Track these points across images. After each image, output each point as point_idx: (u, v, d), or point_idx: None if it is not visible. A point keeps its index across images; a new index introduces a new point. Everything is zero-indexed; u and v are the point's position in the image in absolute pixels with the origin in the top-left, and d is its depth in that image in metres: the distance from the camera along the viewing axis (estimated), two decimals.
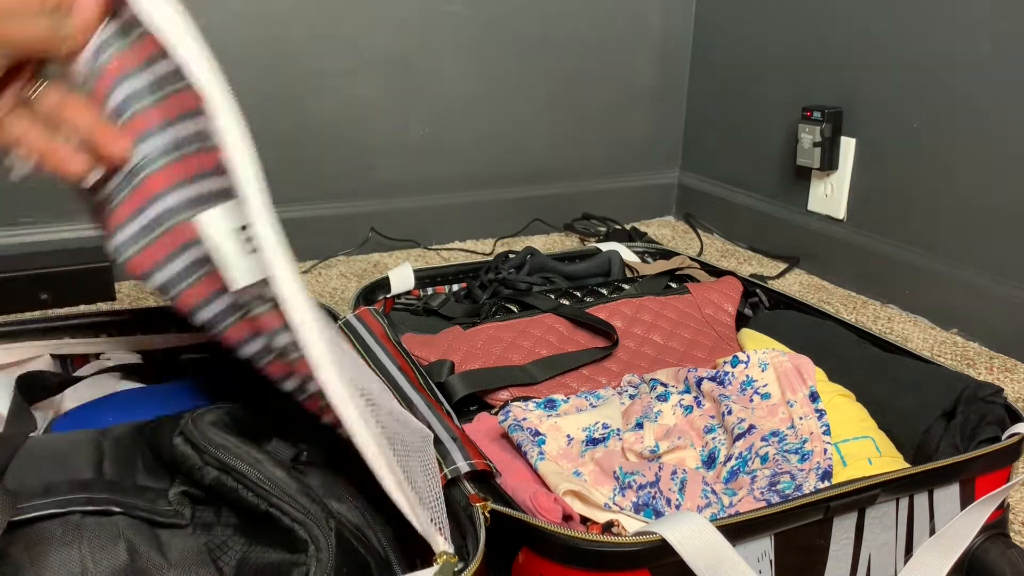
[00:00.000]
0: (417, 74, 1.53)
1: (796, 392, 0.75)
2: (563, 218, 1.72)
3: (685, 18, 1.73)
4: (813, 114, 1.41)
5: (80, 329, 0.79)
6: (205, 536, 0.51)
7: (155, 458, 0.55)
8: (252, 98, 1.42)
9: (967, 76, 1.21)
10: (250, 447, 0.51)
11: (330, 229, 1.53)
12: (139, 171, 0.50)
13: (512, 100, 1.62)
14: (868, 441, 0.72)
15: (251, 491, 0.49)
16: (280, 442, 0.56)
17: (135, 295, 1.33)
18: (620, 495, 0.64)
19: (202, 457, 0.51)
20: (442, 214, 1.62)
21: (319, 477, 0.54)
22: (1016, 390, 1.08)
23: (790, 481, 0.65)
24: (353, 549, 0.49)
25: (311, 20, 1.42)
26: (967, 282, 1.24)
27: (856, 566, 0.63)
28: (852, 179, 1.42)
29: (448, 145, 1.59)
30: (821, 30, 1.44)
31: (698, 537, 0.53)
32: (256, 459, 0.50)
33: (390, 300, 1.04)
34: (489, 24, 1.56)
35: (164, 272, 0.52)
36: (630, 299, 0.98)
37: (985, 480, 0.66)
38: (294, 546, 0.48)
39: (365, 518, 0.52)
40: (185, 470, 0.52)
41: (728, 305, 0.99)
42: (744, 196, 1.66)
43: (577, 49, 1.65)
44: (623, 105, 1.73)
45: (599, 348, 0.90)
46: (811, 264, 1.51)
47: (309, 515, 0.48)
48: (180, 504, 0.52)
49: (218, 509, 0.52)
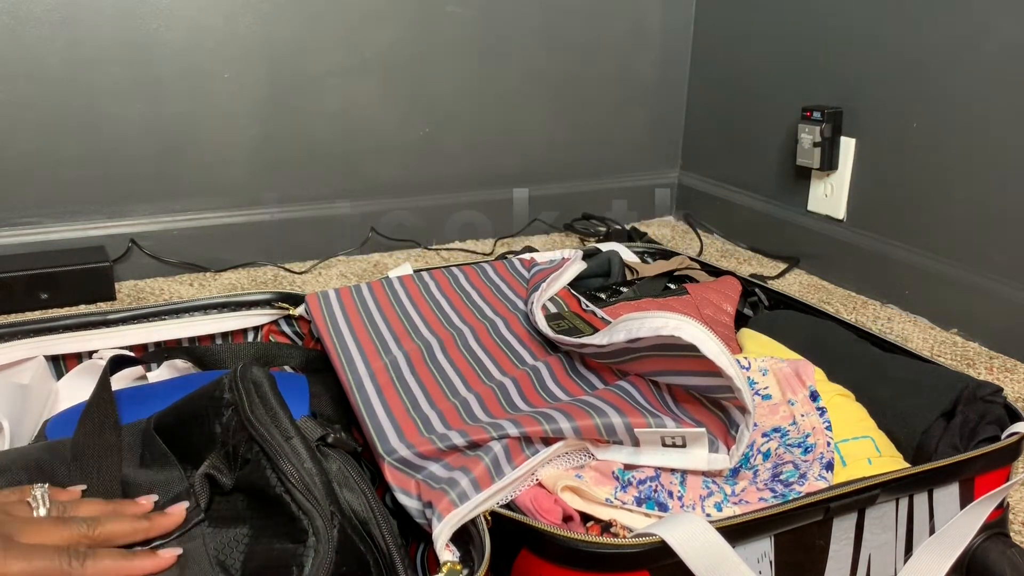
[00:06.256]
0: (417, 74, 1.53)
1: (797, 393, 0.75)
2: (563, 218, 1.72)
3: (685, 18, 1.73)
4: (813, 114, 1.41)
5: (73, 329, 0.79)
6: (214, 538, 0.51)
7: (180, 438, 0.56)
8: (252, 98, 1.42)
9: (967, 76, 1.21)
10: (289, 419, 0.52)
11: (330, 229, 1.53)
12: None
13: (512, 100, 1.62)
14: (868, 441, 0.72)
15: (274, 468, 0.50)
16: (311, 421, 0.56)
17: (135, 295, 1.33)
18: (622, 492, 0.64)
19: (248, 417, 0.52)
20: (442, 214, 1.62)
21: (338, 462, 0.54)
22: (1016, 390, 1.08)
23: (794, 470, 0.65)
24: (354, 546, 0.49)
25: (310, 20, 1.42)
26: (967, 282, 1.24)
27: (856, 566, 0.63)
28: (852, 179, 1.42)
29: (448, 145, 1.60)
30: (821, 30, 1.44)
31: (698, 538, 0.53)
32: (288, 433, 0.51)
33: None
34: (489, 24, 1.56)
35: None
36: (628, 302, 0.98)
37: (985, 480, 0.66)
38: (297, 536, 0.48)
39: (372, 511, 0.52)
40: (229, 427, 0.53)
41: (727, 305, 0.99)
42: (744, 196, 1.66)
43: (577, 49, 1.65)
44: (623, 105, 1.73)
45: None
46: (811, 264, 1.51)
47: (317, 505, 0.48)
48: (202, 489, 0.52)
49: (234, 503, 0.52)
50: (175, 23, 1.34)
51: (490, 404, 0.67)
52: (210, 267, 1.44)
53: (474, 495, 0.55)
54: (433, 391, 0.70)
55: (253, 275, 1.43)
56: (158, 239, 1.41)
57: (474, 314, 0.84)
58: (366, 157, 1.53)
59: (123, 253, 1.39)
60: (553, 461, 0.62)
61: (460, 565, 0.49)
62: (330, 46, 1.45)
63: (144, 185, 1.39)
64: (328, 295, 0.86)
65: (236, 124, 1.42)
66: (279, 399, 0.54)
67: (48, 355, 0.79)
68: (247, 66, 1.40)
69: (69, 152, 1.33)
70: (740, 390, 0.60)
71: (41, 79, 1.28)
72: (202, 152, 1.41)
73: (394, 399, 0.68)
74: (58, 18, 1.27)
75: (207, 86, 1.38)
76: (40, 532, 0.47)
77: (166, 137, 1.38)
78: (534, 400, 0.69)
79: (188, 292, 1.35)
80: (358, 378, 0.71)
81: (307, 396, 0.70)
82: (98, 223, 1.38)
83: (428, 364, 0.74)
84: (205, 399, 0.56)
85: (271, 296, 0.89)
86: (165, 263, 1.41)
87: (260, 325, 0.89)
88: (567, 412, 0.62)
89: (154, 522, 0.51)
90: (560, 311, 0.86)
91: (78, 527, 0.48)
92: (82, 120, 1.32)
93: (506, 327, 0.82)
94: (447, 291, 0.89)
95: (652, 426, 0.62)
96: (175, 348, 0.81)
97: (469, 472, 0.57)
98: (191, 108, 1.38)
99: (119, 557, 0.47)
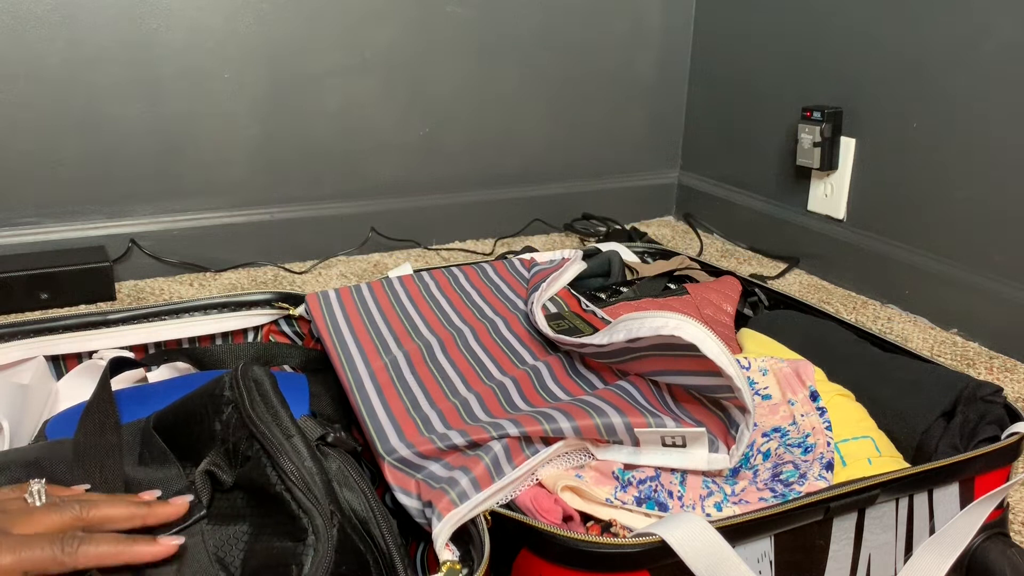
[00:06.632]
0: (417, 74, 1.53)
1: (797, 393, 0.75)
2: (563, 218, 1.72)
3: (685, 18, 1.73)
4: (813, 114, 1.41)
5: (74, 329, 0.79)
6: (213, 535, 0.51)
7: (182, 436, 0.56)
8: (252, 98, 1.42)
9: (967, 76, 1.21)
10: (290, 417, 0.52)
11: (330, 229, 1.53)
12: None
13: (512, 100, 1.62)
14: (868, 441, 0.72)
15: (274, 466, 0.49)
16: (311, 420, 0.56)
17: (135, 295, 1.33)
18: (622, 491, 0.64)
19: (250, 415, 0.52)
20: (442, 214, 1.62)
21: (337, 461, 0.54)
22: (1016, 390, 1.08)
23: (794, 470, 0.65)
24: (354, 545, 0.49)
25: (310, 20, 1.42)
26: (967, 282, 1.24)
27: (856, 566, 0.63)
28: (852, 179, 1.42)
29: (448, 145, 1.60)
30: (821, 30, 1.44)
31: (698, 538, 0.53)
32: (289, 432, 0.51)
33: None
34: (489, 24, 1.56)
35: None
36: (628, 302, 0.98)
37: (984, 480, 0.66)
38: (297, 534, 0.48)
39: (372, 510, 0.52)
40: (228, 424, 0.53)
41: (727, 305, 0.99)
42: (744, 196, 1.66)
43: (577, 49, 1.65)
44: (623, 105, 1.73)
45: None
46: (811, 264, 1.51)
47: (317, 504, 0.48)
48: (203, 486, 0.52)
49: (234, 500, 0.52)
50: (175, 23, 1.34)
51: (490, 404, 0.67)
52: (210, 267, 1.45)
53: (474, 495, 0.55)
54: (433, 391, 0.70)
55: (253, 275, 1.43)
56: (158, 239, 1.41)
57: (474, 314, 0.84)
58: (366, 157, 1.53)
59: (123, 253, 1.39)
60: (553, 461, 0.62)
61: (460, 564, 0.49)
62: (330, 46, 1.45)
63: (144, 185, 1.39)
64: (328, 295, 0.86)
65: (236, 124, 1.42)
66: (280, 398, 0.54)
67: (48, 355, 0.79)
68: (247, 66, 1.40)
69: (69, 152, 1.33)
70: (740, 390, 0.60)
71: (41, 79, 1.28)
72: (202, 152, 1.41)
73: (394, 399, 0.68)
74: (58, 18, 1.27)
75: (207, 86, 1.38)
76: (32, 522, 0.46)
77: (166, 137, 1.38)
78: (534, 400, 0.69)
79: (188, 292, 1.35)
80: (358, 378, 0.71)
81: (307, 396, 0.70)
82: (98, 223, 1.38)
83: (428, 364, 0.74)
84: (205, 397, 0.56)
85: (271, 296, 0.89)
86: (165, 263, 1.41)
87: (260, 325, 0.89)
88: (567, 412, 0.62)
89: (153, 508, 0.49)
90: (560, 311, 0.86)
91: (70, 509, 0.47)
92: (82, 120, 1.32)
93: (506, 327, 0.82)
94: (447, 291, 0.89)
95: (652, 426, 0.62)
96: (175, 349, 0.81)
97: (469, 472, 0.57)
98: (191, 108, 1.38)
99: (115, 542, 0.46)
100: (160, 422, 0.59)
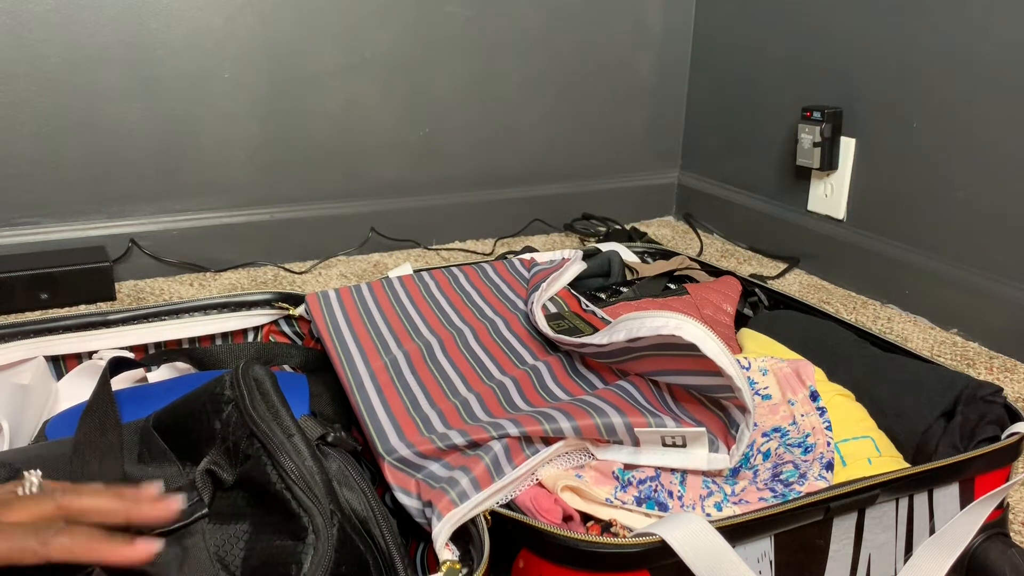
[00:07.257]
0: (417, 74, 1.53)
1: (797, 393, 0.75)
2: (563, 218, 1.72)
3: (685, 18, 1.73)
4: (813, 114, 1.41)
5: (74, 329, 0.79)
6: (214, 535, 0.51)
7: (181, 434, 0.56)
8: (252, 98, 1.42)
9: (967, 76, 1.21)
10: (291, 416, 0.52)
11: (330, 229, 1.53)
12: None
13: (512, 100, 1.62)
14: (868, 441, 0.72)
15: (274, 465, 0.49)
16: (311, 420, 0.56)
17: (135, 295, 1.33)
18: (622, 491, 0.64)
19: (249, 414, 0.52)
20: (442, 214, 1.62)
21: (337, 460, 0.54)
22: (1016, 390, 1.08)
23: (794, 470, 0.65)
24: (354, 545, 0.49)
25: (311, 20, 1.42)
26: (967, 282, 1.24)
27: (856, 566, 0.63)
28: (852, 179, 1.42)
29: (448, 145, 1.60)
30: (821, 30, 1.44)
31: (698, 538, 0.53)
32: (290, 431, 0.51)
33: None
34: (489, 24, 1.56)
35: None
36: (628, 302, 0.98)
37: (984, 480, 0.66)
38: (297, 533, 0.48)
39: (372, 510, 0.52)
40: (228, 423, 0.53)
41: (727, 305, 0.99)
42: (744, 196, 1.66)
43: (577, 49, 1.65)
44: (623, 105, 1.73)
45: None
46: (811, 264, 1.51)
47: (317, 503, 0.48)
48: (204, 484, 0.52)
49: (234, 499, 0.52)
50: (175, 23, 1.34)
51: (490, 404, 0.67)
52: (210, 267, 1.44)
53: (474, 494, 0.55)
54: (433, 391, 0.70)
55: (253, 275, 1.43)
56: (158, 239, 1.41)
57: (474, 314, 0.84)
58: (366, 157, 1.53)
59: (123, 253, 1.39)
60: (553, 461, 0.62)
61: (460, 564, 0.49)
62: (330, 46, 1.45)
63: (144, 185, 1.39)
64: (328, 295, 0.86)
65: (236, 124, 1.42)
66: (280, 397, 0.54)
67: (48, 355, 0.79)
68: (247, 66, 1.40)
69: (69, 152, 1.33)
70: (740, 390, 0.60)
71: (41, 79, 1.28)
72: (202, 152, 1.41)
73: (394, 399, 0.68)
74: (58, 18, 1.27)
75: (207, 86, 1.38)
76: (15, 510, 0.45)
77: (166, 137, 1.38)
78: (534, 400, 0.69)
79: (188, 292, 1.35)
80: (358, 378, 0.71)
81: (307, 396, 0.70)
82: (98, 223, 1.38)
83: (428, 364, 0.74)
84: (205, 396, 0.56)
85: (271, 296, 0.89)
86: (165, 263, 1.41)
87: (260, 325, 0.89)
88: (567, 412, 0.62)
89: (139, 506, 0.47)
90: (560, 311, 0.86)
91: (51, 498, 0.45)
92: (82, 120, 1.32)
93: (506, 327, 0.82)
94: (447, 291, 0.89)
95: (652, 426, 0.62)
96: (175, 350, 0.81)
97: (469, 471, 0.57)
98: (191, 108, 1.38)
99: (89, 538, 0.44)
100: (160, 421, 0.59)
